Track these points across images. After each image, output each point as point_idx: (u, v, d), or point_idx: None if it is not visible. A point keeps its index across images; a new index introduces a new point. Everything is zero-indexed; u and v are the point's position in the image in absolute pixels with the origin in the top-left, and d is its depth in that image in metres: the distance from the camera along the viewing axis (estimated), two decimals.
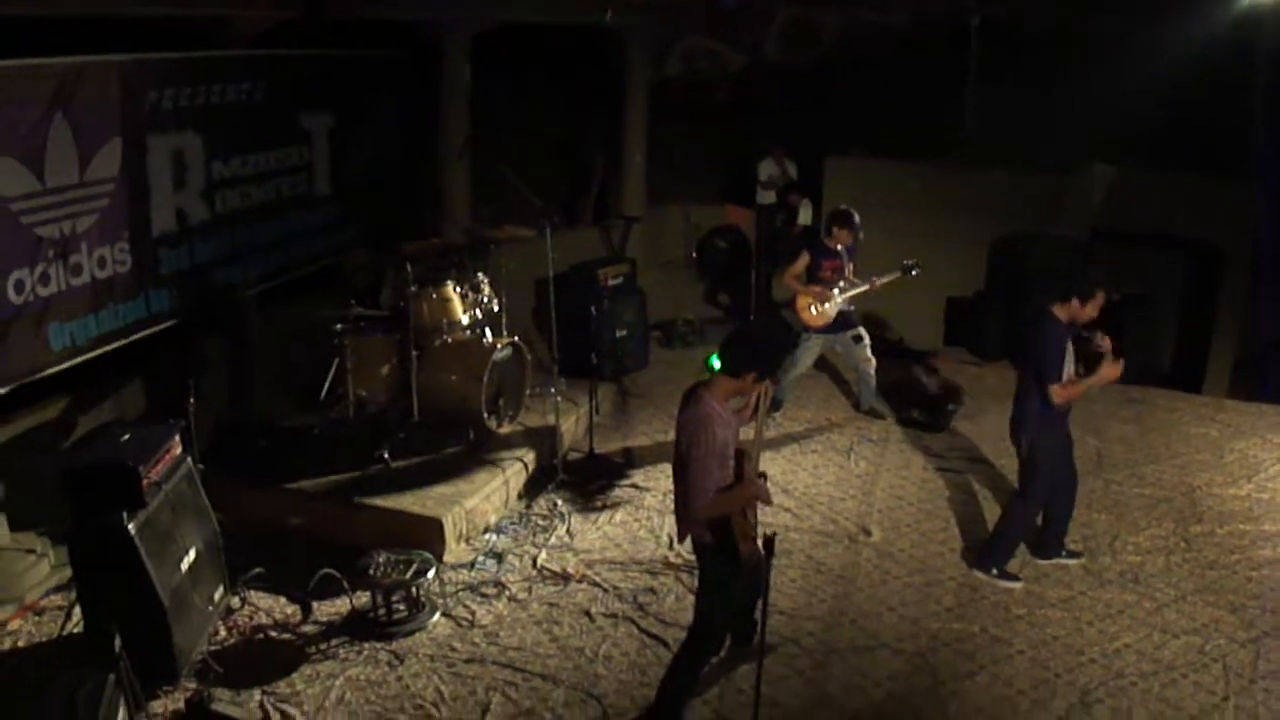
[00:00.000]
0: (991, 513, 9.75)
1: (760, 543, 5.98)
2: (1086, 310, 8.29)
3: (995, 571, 8.70)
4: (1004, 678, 7.45)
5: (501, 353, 10.21)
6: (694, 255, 17.48)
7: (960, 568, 8.87)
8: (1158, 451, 11.27)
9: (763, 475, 6.56)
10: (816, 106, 17.34)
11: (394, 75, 13.45)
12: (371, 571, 7.86)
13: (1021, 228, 14.70)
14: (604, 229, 16.62)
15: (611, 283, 12.84)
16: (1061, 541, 9.02)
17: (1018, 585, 8.61)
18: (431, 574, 8.01)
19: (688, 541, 6.67)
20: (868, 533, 9.39)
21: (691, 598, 7.21)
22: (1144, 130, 14.59)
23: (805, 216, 16.27)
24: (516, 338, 10.54)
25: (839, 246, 11.25)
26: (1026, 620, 8.14)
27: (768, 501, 6.62)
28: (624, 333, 12.79)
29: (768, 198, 16.86)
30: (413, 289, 9.90)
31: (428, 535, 8.75)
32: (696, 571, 6.86)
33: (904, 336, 14.66)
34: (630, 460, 10.74)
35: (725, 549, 6.31)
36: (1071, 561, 8.95)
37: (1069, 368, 8.28)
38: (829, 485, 10.32)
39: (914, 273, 11.35)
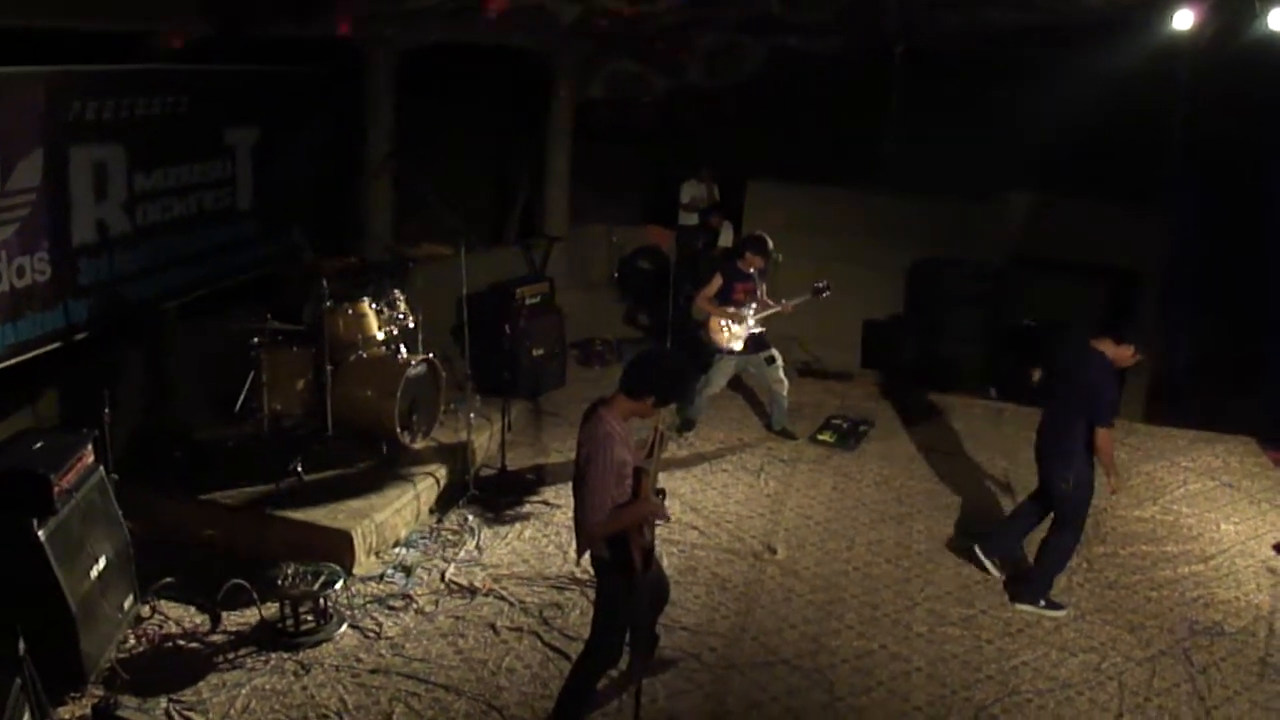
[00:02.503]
0: (897, 533, 9.95)
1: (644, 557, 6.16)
2: (1133, 358, 8.51)
3: (1042, 603, 8.73)
4: (901, 693, 7.56)
5: (415, 369, 10.29)
6: (615, 275, 17.62)
7: (862, 585, 8.98)
8: None
9: (660, 492, 6.61)
10: (740, 130, 17.52)
11: (320, 92, 13.46)
12: (280, 582, 7.89)
13: (939, 253, 14.89)
14: (526, 248, 16.57)
15: (529, 302, 12.88)
16: (1005, 550, 9.26)
17: (1063, 613, 8.68)
18: (339, 586, 8.07)
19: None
20: (773, 551, 9.49)
21: None
22: (1063, 158, 14.81)
23: (726, 239, 16.35)
24: (431, 354, 10.62)
25: (751, 270, 11.40)
26: (926, 638, 8.25)
27: (665, 518, 6.75)
28: (541, 351, 12.81)
29: (689, 219, 16.96)
30: (328, 304, 9.96)
31: (338, 548, 8.78)
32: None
33: (819, 358, 14.80)
34: (541, 477, 10.78)
35: (622, 564, 6.38)
36: (990, 573, 9.16)
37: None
38: (737, 504, 10.43)
39: (824, 294, 11.49)
